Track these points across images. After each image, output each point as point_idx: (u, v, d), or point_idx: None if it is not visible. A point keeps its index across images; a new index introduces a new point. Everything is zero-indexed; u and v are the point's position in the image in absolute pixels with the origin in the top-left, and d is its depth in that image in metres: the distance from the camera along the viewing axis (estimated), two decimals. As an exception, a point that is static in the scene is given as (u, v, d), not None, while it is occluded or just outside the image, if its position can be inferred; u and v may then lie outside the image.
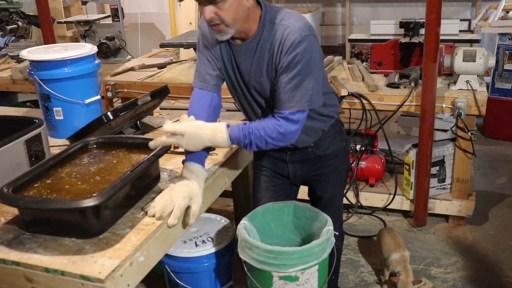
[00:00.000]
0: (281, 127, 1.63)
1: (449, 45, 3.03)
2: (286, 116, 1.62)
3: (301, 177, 1.98)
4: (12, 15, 3.98)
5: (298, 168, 1.94)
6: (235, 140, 1.62)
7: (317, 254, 1.67)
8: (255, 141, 1.62)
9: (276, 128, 1.62)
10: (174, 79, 3.24)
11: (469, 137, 2.81)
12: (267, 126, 1.62)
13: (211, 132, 1.58)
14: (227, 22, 1.56)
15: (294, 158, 1.92)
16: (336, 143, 1.93)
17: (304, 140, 1.82)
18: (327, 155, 1.92)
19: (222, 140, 1.60)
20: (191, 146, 1.58)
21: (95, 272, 1.24)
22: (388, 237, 2.56)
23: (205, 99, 1.76)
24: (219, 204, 3.33)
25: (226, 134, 1.59)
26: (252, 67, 1.69)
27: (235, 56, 1.71)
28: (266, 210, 1.90)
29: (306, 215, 1.89)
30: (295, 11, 1.73)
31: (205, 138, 1.58)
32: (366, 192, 3.17)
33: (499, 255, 2.78)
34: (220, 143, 1.61)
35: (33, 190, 1.46)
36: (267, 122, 1.64)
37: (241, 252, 1.72)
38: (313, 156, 1.91)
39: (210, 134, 1.58)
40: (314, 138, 1.87)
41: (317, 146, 1.89)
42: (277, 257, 1.63)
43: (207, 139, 1.58)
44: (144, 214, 1.51)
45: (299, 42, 1.56)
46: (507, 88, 4.21)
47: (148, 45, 6.63)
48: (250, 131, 1.62)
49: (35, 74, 2.14)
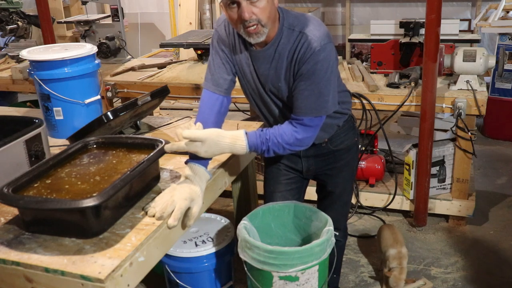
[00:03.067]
0: (299, 134, 1.65)
1: (449, 45, 3.03)
2: (303, 122, 1.64)
3: (314, 171, 1.98)
4: (12, 15, 3.98)
5: (311, 163, 1.95)
6: (253, 147, 1.64)
7: (318, 254, 1.67)
8: (273, 147, 1.65)
9: (293, 135, 1.64)
10: (174, 79, 3.24)
11: (469, 137, 2.81)
12: (284, 132, 1.64)
13: (230, 140, 1.60)
14: (263, 22, 1.56)
15: (308, 153, 1.92)
16: (349, 138, 1.95)
17: (319, 136, 1.83)
18: (340, 149, 1.93)
19: (241, 148, 1.62)
20: (210, 153, 1.58)
21: (95, 272, 1.24)
22: (388, 232, 2.57)
23: (216, 103, 1.76)
24: (219, 204, 3.33)
25: (245, 142, 1.61)
26: (270, 73, 1.70)
27: (253, 61, 1.72)
28: (267, 210, 1.90)
29: (306, 215, 1.89)
30: (312, 15, 1.73)
31: (224, 146, 1.59)
32: (366, 192, 3.17)
33: (499, 255, 2.78)
34: (238, 151, 1.63)
35: (33, 190, 1.46)
36: (284, 128, 1.66)
37: (241, 252, 1.72)
38: (327, 151, 1.92)
39: (230, 142, 1.60)
40: (330, 133, 1.88)
41: (331, 141, 1.90)
42: (277, 257, 1.63)
43: (227, 147, 1.60)
44: (144, 214, 1.51)
45: (318, 51, 1.58)
46: (507, 88, 4.21)
47: (148, 45, 6.63)
48: (267, 138, 1.63)
49: (35, 74, 2.14)
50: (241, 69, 1.76)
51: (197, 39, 3.44)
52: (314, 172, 1.99)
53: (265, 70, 1.70)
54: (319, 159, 1.95)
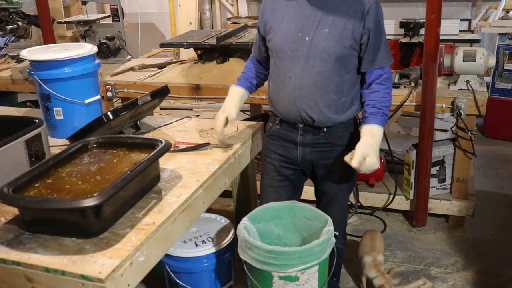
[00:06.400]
0: (388, 87, 1.88)
1: (449, 45, 3.04)
2: (387, 71, 1.87)
3: (310, 162, 1.98)
4: (12, 15, 3.99)
5: (307, 152, 1.96)
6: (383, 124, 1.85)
7: (318, 254, 1.67)
8: (387, 112, 1.87)
9: (387, 92, 1.87)
10: (174, 79, 3.24)
11: (469, 137, 2.81)
12: (384, 96, 1.85)
13: (378, 138, 1.81)
14: None
15: (305, 141, 1.94)
16: (348, 136, 1.96)
17: (328, 113, 1.87)
18: (337, 145, 1.94)
19: (381, 135, 1.84)
20: (375, 158, 1.77)
21: (95, 272, 1.24)
22: (367, 238, 2.53)
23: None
24: (219, 204, 3.33)
25: (382, 127, 1.83)
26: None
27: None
28: (266, 210, 1.91)
29: (306, 215, 1.89)
30: None
31: (376, 145, 1.80)
32: (366, 192, 3.17)
33: (499, 255, 2.78)
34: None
35: (34, 190, 1.46)
36: (380, 93, 1.85)
37: (241, 252, 1.73)
38: (324, 142, 1.93)
39: (379, 138, 1.81)
40: (334, 118, 1.89)
41: (329, 132, 1.91)
42: (277, 257, 1.63)
43: (378, 143, 1.81)
44: (145, 213, 1.51)
45: (375, 4, 1.80)
46: (507, 88, 4.21)
47: (148, 45, 6.63)
48: (386, 113, 1.86)
49: (35, 74, 2.14)
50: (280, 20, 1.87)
51: (197, 39, 3.44)
52: (310, 163, 1.98)
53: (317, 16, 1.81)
54: (315, 149, 1.95)
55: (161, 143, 1.64)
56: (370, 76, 1.87)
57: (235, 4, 6.37)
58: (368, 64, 1.85)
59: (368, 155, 1.75)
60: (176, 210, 1.55)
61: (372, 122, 1.82)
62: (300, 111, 1.86)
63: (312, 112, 1.85)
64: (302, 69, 1.83)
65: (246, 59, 3.21)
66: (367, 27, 1.79)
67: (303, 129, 1.92)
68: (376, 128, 1.81)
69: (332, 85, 1.83)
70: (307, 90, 1.84)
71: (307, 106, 1.85)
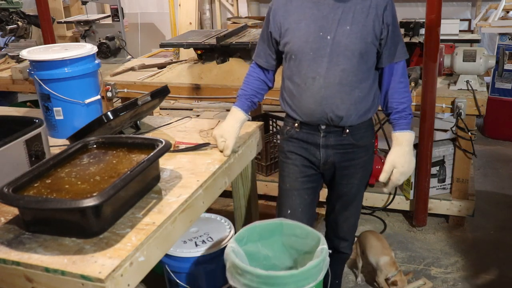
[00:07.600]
0: (406, 85, 1.91)
1: (449, 45, 3.03)
2: (401, 71, 1.88)
3: (332, 164, 1.95)
4: (12, 15, 3.99)
5: (330, 154, 1.93)
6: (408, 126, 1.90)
7: (314, 276, 1.57)
8: (409, 111, 1.90)
9: (406, 90, 1.90)
10: (174, 79, 3.24)
11: (469, 137, 2.81)
12: (403, 96, 1.89)
13: (409, 148, 1.86)
14: None
15: (328, 142, 1.92)
16: (368, 136, 1.96)
17: (355, 110, 1.87)
18: (359, 146, 1.93)
19: (413, 141, 1.90)
20: (407, 169, 1.86)
21: (95, 272, 1.24)
22: (374, 240, 2.51)
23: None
24: (219, 204, 3.33)
25: (413, 134, 1.88)
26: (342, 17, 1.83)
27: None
28: (252, 229, 1.79)
29: (296, 233, 1.78)
30: None
31: (409, 154, 1.86)
32: (366, 192, 3.14)
33: (499, 255, 2.78)
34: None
35: (33, 190, 1.46)
36: (399, 94, 1.88)
37: (231, 278, 1.59)
38: (347, 143, 1.91)
39: (410, 148, 1.87)
40: (360, 116, 1.89)
41: (352, 133, 1.90)
42: (272, 282, 1.52)
43: (410, 151, 1.87)
44: (145, 213, 1.51)
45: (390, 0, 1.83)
46: (507, 88, 4.22)
47: (148, 45, 6.63)
48: (409, 113, 1.89)
49: (35, 74, 2.14)
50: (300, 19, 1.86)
51: (197, 39, 3.44)
52: (332, 165, 1.95)
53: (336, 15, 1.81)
54: (338, 151, 1.92)
55: (161, 143, 1.64)
56: (388, 71, 1.88)
57: (235, 4, 6.37)
58: (387, 59, 1.85)
59: (395, 167, 1.85)
60: (176, 210, 1.55)
61: (398, 128, 1.89)
62: (327, 110, 1.83)
63: (340, 110, 1.83)
64: (326, 68, 1.80)
65: (246, 59, 3.23)
66: (386, 23, 1.80)
67: (326, 131, 1.89)
68: (402, 134, 1.88)
69: (357, 82, 1.82)
70: (333, 89, 1.81)
71: (334, 105, 1.82)
